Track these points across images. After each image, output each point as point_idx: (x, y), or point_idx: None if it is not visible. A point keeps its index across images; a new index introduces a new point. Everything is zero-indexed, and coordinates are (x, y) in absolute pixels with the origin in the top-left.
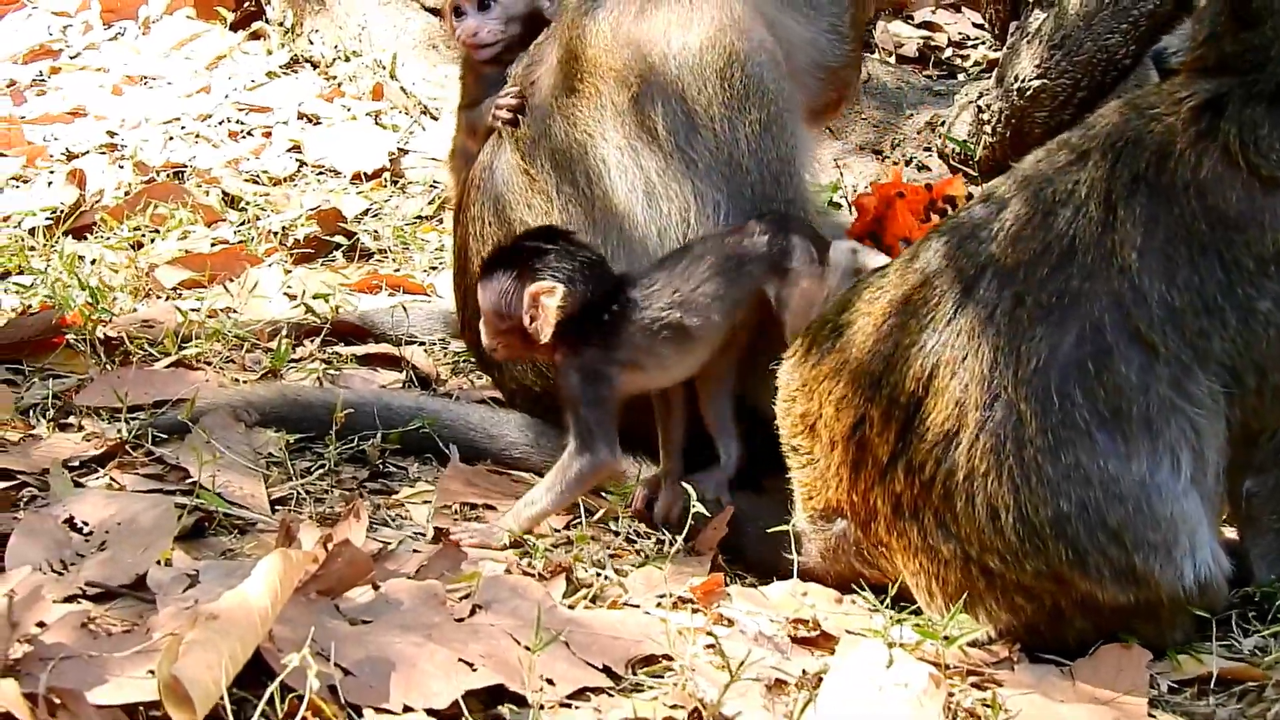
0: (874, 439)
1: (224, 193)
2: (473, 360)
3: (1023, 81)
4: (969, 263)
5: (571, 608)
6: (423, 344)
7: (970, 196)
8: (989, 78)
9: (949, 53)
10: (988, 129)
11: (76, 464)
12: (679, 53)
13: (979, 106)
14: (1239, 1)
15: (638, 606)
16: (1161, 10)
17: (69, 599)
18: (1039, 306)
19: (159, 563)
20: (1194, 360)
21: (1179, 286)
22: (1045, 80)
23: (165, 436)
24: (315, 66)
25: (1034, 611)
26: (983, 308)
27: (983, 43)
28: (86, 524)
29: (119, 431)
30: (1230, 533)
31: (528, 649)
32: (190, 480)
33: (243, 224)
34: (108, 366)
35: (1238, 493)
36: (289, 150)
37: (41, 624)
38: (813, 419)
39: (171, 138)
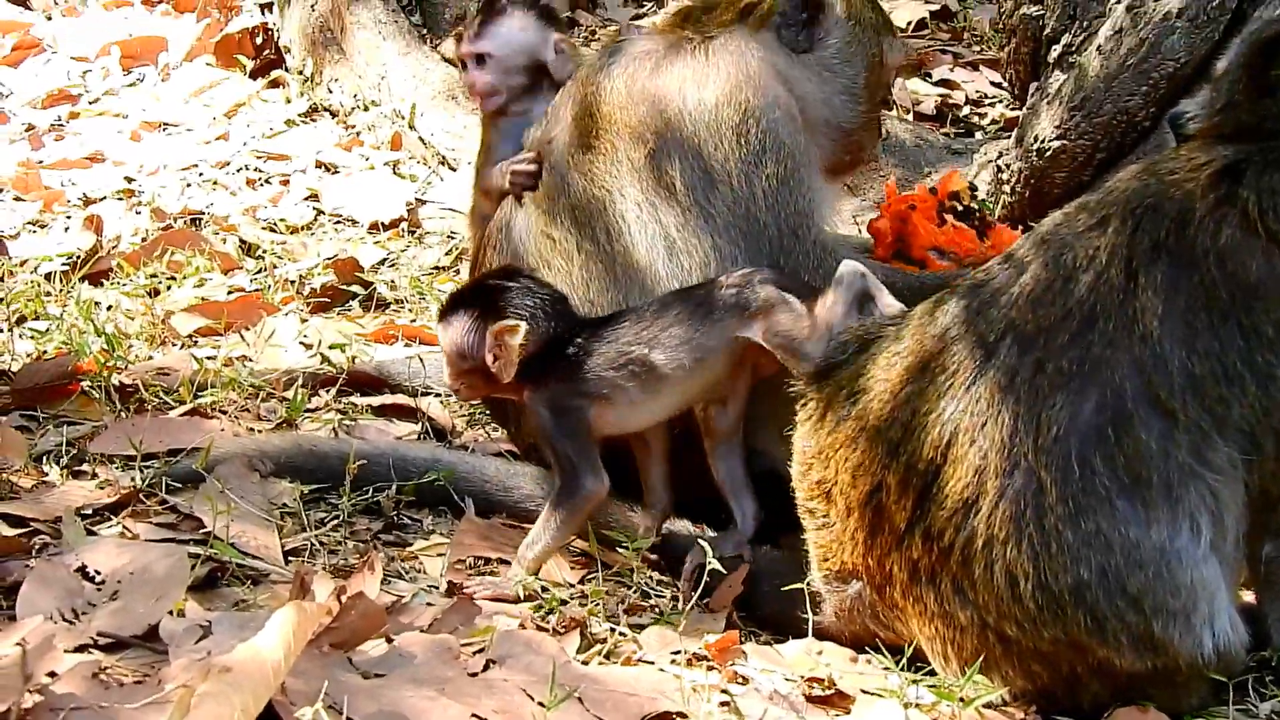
0: (891, 506)
1: (241, 240)
2: (488, 412)
3: (1042, 142)
4: (989, 328)
5: (586, 664)
6: (438, 395)
7: (973, 189)
8: (1008, 137)
9: (967, 110)
10: (1006, 188)
11: (89, 512)
12: (695, 109)
13: (998, 166)
14: (1257, 69)
15: (652, 663)
16: (1181, 73)
17: (80, 649)
18: (1060, 373)
19: (171, 613)
20: (1213, 427)
21: (1199, 353)
22: (1065, 141)
23: (180, 485)
24: (334, 115)
25: (1050, 677)
26: (1003, 374)
27: (1000, 101)
28: (99, 573)
29: (132, 480)
30: (1247, 596)
31: (542, 705)
32: (204, 530)
33: (259, 272)
34: (122, 414)
35: (1256, 557)
36: (306, 199)
37: (53, 674)
38: (829, 485)
39: (189, 184)
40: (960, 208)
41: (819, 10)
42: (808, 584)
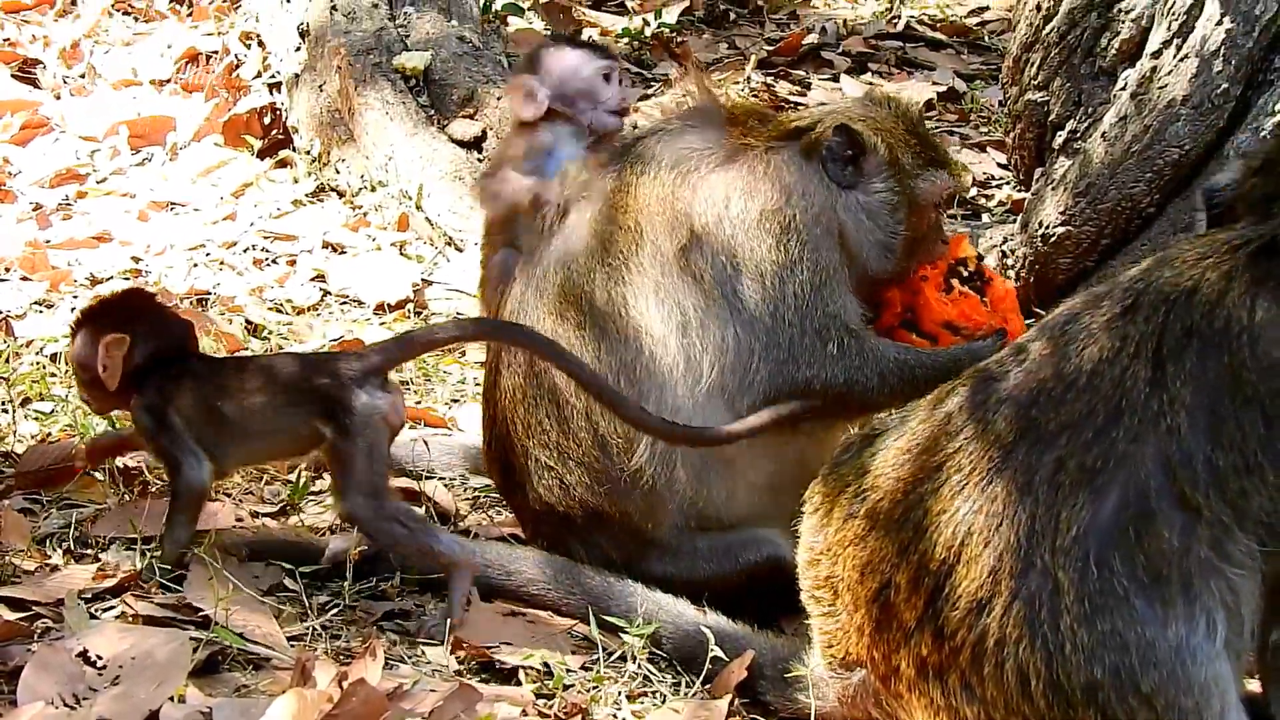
0: (900, 604)
1: (247, 321)
2: (494, 494)
3: (1047, 228)
4: (1006, 427)
5: None
6: (442, 479)
7: (980, 258)
8: (1013, 221)
9: (974, 193)
10: (1011, 273)
11: (89, 595)
12: (737, 216)
13: (1003, 251)
14: None
15: None
16: (1185, 161)
17: None
18: (1082, 470)
19: (172, 699)
20: (1233, 520)
21: (1223, 445)
22: (1069, 227)
23: (184, 571)
24: (341, 195)
25: None
26: (1021, 474)
27: (1007, 183)
28: (100, 658)
29: (133, 564)
30: (1252, 684)
31: None
32: (204, 613)
33: (265, 353)
34: (125, 497)
35: (1264, 645)
36: (313, 279)
37: None
38: (836, 581)
39: (196, 264)
40: (966, 273)
41: (862, 151)
42: (810, 669)
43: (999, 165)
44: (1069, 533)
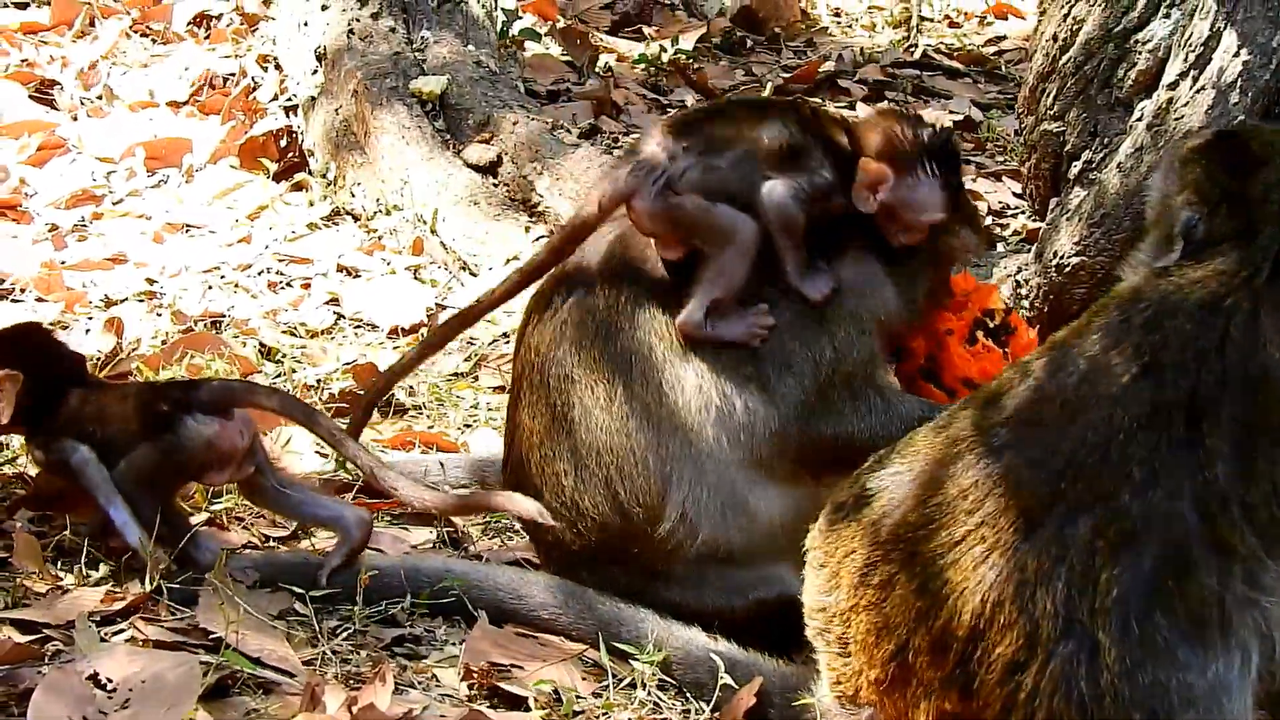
0: (919, 665)
1: (261, 344)
2: (505, 519)
3: (1061, 258)
4: (1036, 501)
5: None
6: None
7: (1008, 310)
8: (1028, 250)
9: (989, 222)
10: (1025, 303)
11: (99, 618)
12: None
13: (1017, 281)
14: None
15: None
16: None
17: None
18: (1121, 534)
19: None
20: (1263, 549)
21: (1255, 480)
22: (1084, 258)
23: (192, 591)
24: (356, 219)
25: None
26: (1055, 544)
27: (1023, 212)
28: (110, 681)
29: (141, 585)
30: None
31: None
32: (214, 637)
33: (278, 376)
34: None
35: None
36: (327, 303)
37: None
38: (847, 638)
39: (210, 287)
40: (991, 325)
41: None
42: (818, 700)
43: (1014, 194)
44: (1109, 594)
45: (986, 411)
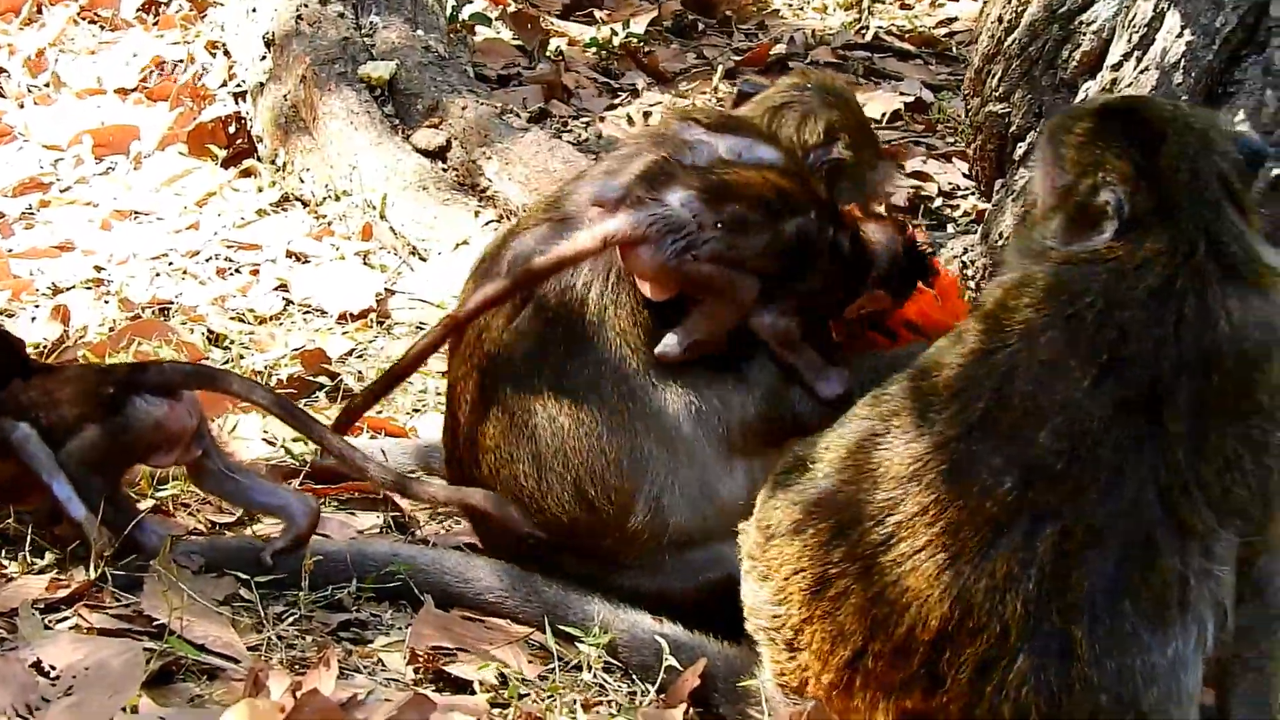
0: (878, 668)
1: (209, 331)
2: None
3: (1007, 239)
4: (1001, 509)
5: None
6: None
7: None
8: (975, 232)
9: (939, 203)
10: (971, 284)
11: (43, 605)
12: None
13: (963, 262)
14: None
15: None
16: None
17: None
18: (1089, 533)
19: (125, 710)
20: (1216, 521)
21: (1208, 457)
22: None
23: (136, 578)
24: (305, 205)
25: None
26: (1023, 550)
27: (972, 193)
28: (54, 668)
29: (87, 573)
30: None
31: None
32: (159, 623)
33: (226, 363)
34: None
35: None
36: (276, 289)
37: None
38: (797, 644)
39: (159, 274)
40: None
41: (826, 152)
42: (763, 684)
43: (965, 176)
44: (1080, 591)
45: (931, 403)
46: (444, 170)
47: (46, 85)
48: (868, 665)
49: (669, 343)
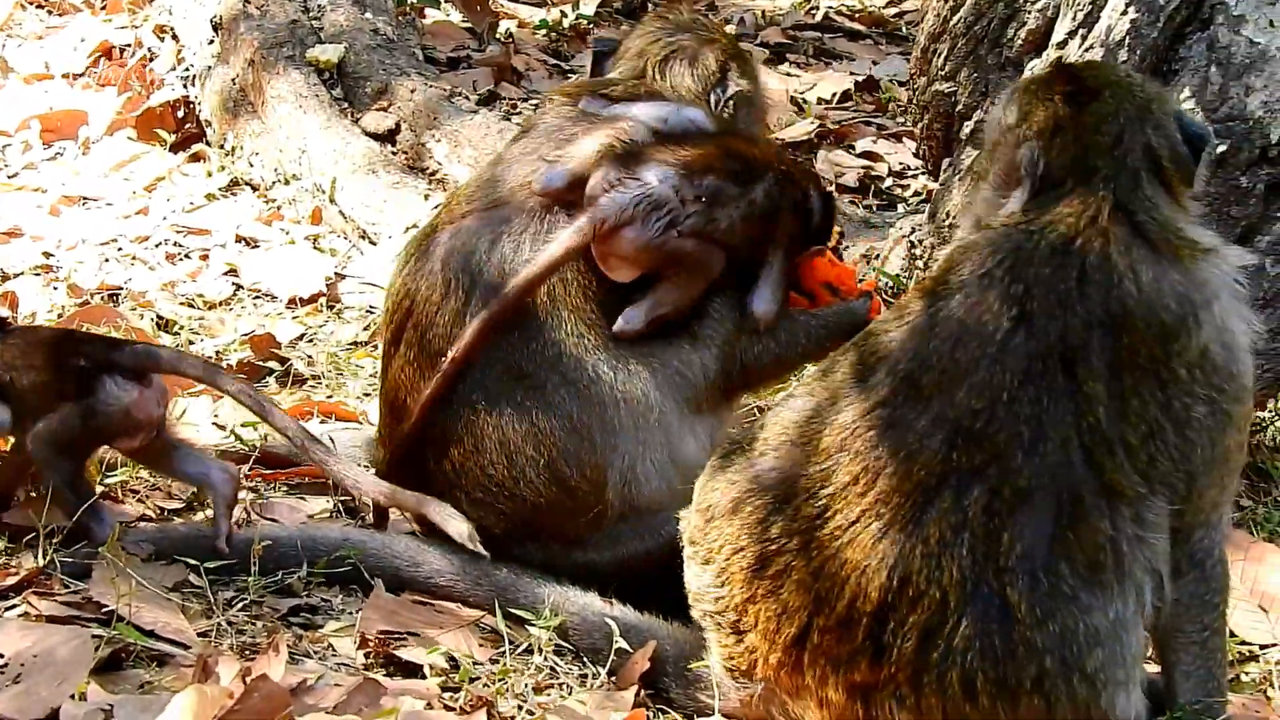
0: (825, 643)
1: (158, 316)
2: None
3: (954, 217)
4: (928, 473)
5: None
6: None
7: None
8: (923, 211)
9: (889, 183)
10: (920, 263)
11: None
12: None
13: (911, 241)
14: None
15: None
16: None
17: None
18: (1016, 493)
19: (73, 697)
20: (1147, 489)
21: (1130, 421)
22: None
23: (85, 565)
24: (255, 189)
25: None
26: (954, 513)
27: (923, 172)
28: (2, 655)
29: (35, 560)
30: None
31: None
32: (108, 610)
33: (176, 348)
34: (33, 494)
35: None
36: (226, 274)
37: None
38: (743, 626)
39: (108, 259)
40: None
41: (725, 88)
42: (712, 667)
43: (915, 155)
44: (1012, 553)
45: (867, 372)
46: (393, 153)
47: None
48: (814, 641)
49: (630, 318)
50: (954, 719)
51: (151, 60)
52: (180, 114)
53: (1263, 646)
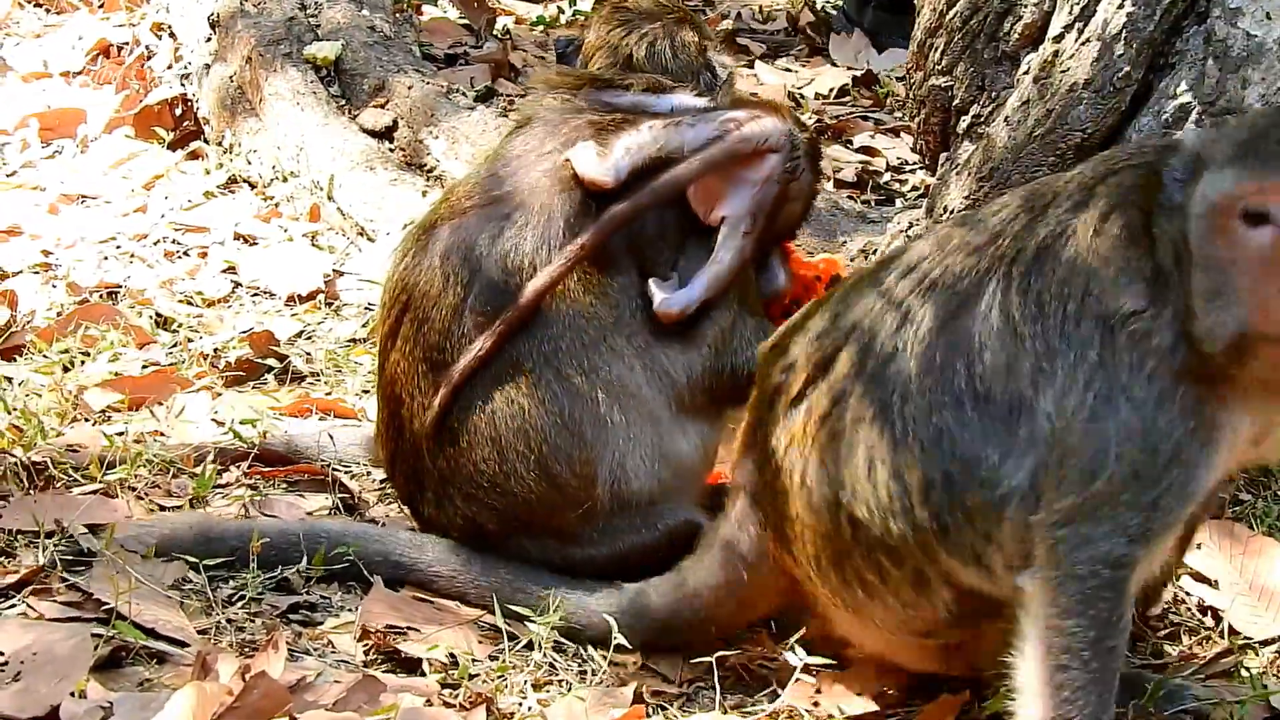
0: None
1: (157, 314)
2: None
3: (952, 213)
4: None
5: None
6: (349, 470)
7: None
8: (921, 206)
9: (887, 178)
10: None
11: None
12: None
13: (908, 235)
14: None
15: None
16: (1088, 144)
17: None
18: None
19: (73, 694)
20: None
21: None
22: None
23: (84, 563)
24: (253, 186)
25: (899, 574)
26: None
27: (921, 167)
28: (2, 653)
29: (35, 558)
30: None
31: None
32: (108, 608)
33: (174, 346)
34: (31, 491)
35: None
36: (224, 271)
37: None
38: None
39: (106, 257)
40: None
41: (714, 70)
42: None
43: (913, 150)
44: (922, 324)
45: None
46: (390, 150)
47: None
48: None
49: (679, 299)
50: (858, 500)
51: (149, 58)
52: (178, 112)
53: (1262, 642)
